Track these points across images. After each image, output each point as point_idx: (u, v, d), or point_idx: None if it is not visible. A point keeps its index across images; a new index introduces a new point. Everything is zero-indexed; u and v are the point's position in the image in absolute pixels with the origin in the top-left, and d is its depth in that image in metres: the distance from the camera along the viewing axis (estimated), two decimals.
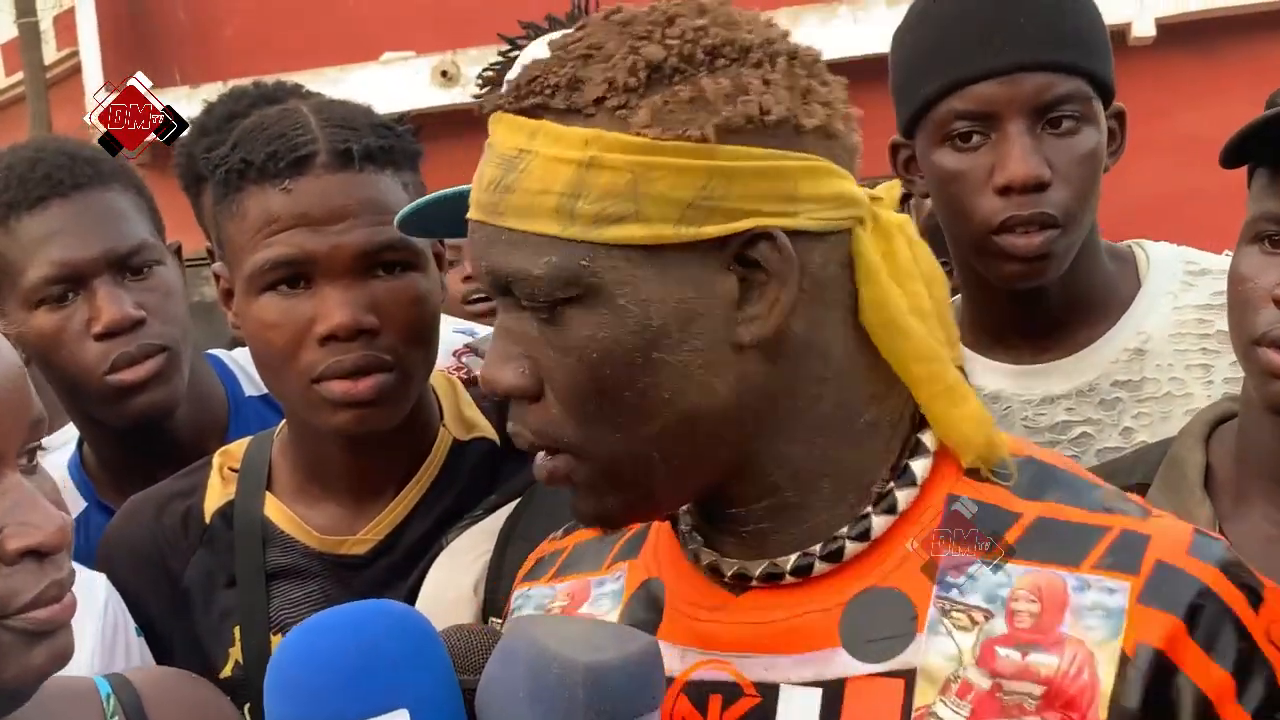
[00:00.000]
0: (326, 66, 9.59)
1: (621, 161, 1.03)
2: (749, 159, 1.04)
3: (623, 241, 1.03)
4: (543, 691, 1.00)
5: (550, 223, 1.03)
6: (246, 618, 1.70)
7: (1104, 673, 1.02)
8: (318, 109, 1.64)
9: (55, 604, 1.11)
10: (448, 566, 1.57)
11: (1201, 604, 1.03)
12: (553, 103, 1.05)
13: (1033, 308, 1.84)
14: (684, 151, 1.03)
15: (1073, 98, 1.73)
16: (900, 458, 1.12)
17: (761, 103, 1.04)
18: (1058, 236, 1.73)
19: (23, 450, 1.13)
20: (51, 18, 12.31)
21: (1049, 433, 1.84)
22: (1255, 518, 1.54)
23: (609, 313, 1.04)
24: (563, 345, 1.05)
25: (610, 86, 1.04)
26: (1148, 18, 10.05)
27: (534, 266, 1.04)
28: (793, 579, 1.11)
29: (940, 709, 1.04)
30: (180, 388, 2.00)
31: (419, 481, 1.72)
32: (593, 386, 1.05)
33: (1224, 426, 1.62)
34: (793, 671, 1.09)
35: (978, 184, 1.74)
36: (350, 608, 1.10)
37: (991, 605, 1.06)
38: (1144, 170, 7.46)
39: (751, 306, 1.06)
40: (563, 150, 1.04)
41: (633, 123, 1.03)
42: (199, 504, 1.77)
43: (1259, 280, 1.48)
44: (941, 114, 1.76)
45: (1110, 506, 1.09)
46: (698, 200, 1.03)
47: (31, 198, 1.94)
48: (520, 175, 1.05)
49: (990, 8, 1.74)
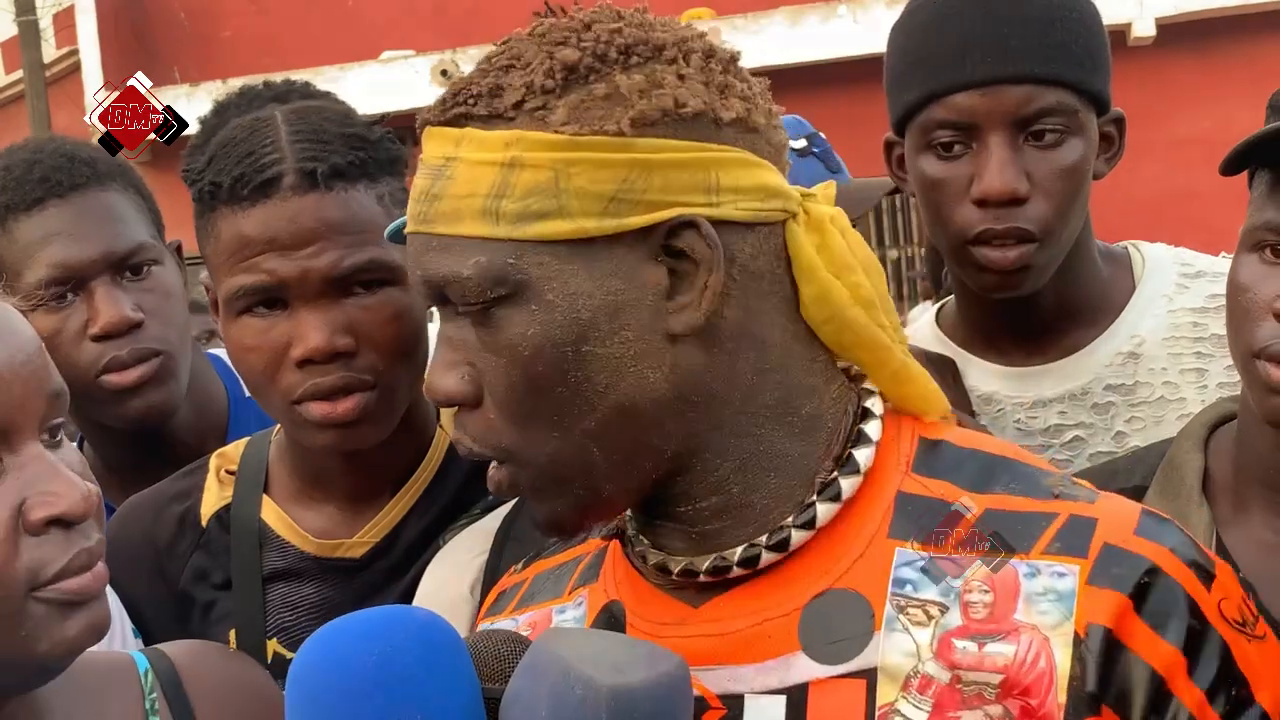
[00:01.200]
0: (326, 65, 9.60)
1: (543, 159, 1.06)
2: (667, 150, 1.07)
3: (548, 237, 1.06)
4: (564, 712, 0.98)
5: (477, 224, 1.06)
6: (243, 621, 1.69)
7: (1060, 656, 1.04)
8: (290, 119, 1.60)
9: (86, 573, 1.11)
10: (444, 568, 1.57)
11: (1149, 582, 1.05)
12: (475, 110, 1.08)
13: (1025, 311, 1.84)
14: (602, 145, 1.06)
15: (1056, 110, 1.72)
16: (844, 449, 1.14)
17: (676, 96, 1.07)
18: (1034, 250, 1.72)
19: (45, 424, 1.14)
20: (51, 16, 12.31)
21: (1041, 436, 1.84)
22: (1253, 524, 1.53)
23: (538, 309, 1.06)
24: (495, 346, 1.08)
25: (529, 90, 1.07)
26: (1148, 18, 10.05)
27: (463, 268, 1.06)
28: (740, 570, 1.12)
29: (903, 706, 1.06)
30: (178, 390, 2.00)
31: (415, 484, 1.71)
32: (526, 385, 1.07)
33: (1223, 429, 1.60)
34: (756, 680, 1.10)
35: (957, 193, 1.74)
36: (374, 613, 1.08)
37: (945, 599, 1.08)
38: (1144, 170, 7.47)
39: (681, 296, 1.08)
40: (486, 154, 1.07)
41: (551, 122, 1.06)
42: (196, 506, 1.77)
43: (1259, 291, 1.46)
44: (925, 121, 1.76)
45: (1058, 492, 1.12)
46: (619, 193, 1.06)
47: (29, 199, 1.94)
48: (446, 182, 1.08)
49: (974, 16, 1.73)
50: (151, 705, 1.29)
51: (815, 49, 10.15)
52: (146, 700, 1.29)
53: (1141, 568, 1.05)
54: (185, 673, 1.32)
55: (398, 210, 1.57)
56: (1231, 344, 1.52)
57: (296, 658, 1.07)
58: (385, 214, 1.56)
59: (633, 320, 1.07)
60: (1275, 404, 1.45)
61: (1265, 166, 1.48)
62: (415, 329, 1.62)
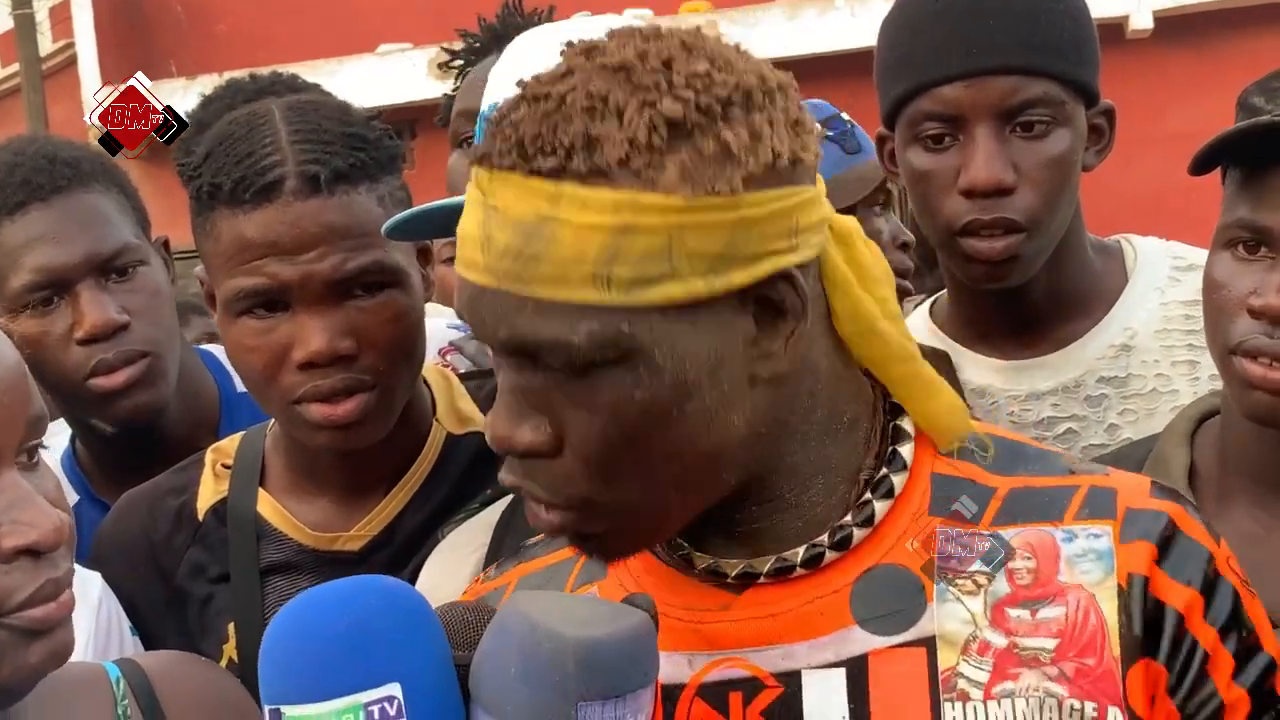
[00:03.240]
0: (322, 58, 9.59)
1: (657, 224, 1.00)
2: (768, 204, 1.04)
3: (662, 303, 1.02)
4: (534, 667, 1.00)
5: (587, 290, 1.01)
6: (241, 614, 1.70)
7: (1108, 609, 1.09)
8: (289, 117, 1.59)
9: (51, 602, 1.11)
10: (443, 561, 1.57)
11: (1170, 534, 1.12)
12: (570, 165, 1.00)
13: (1017, 304, 1.84)
14: (715, 207, 1.01)
15: (1042, 101, 1.72)
16: (884, 444, 1.16)
17: (774, 147, 1.04)
18: (1022, 240, 1.73)
19: (22, 448, 1.13)
20: (47, 9, 12.30)
21: (1035, 428, 1.85)
22: (1238, 515, 1.55)
23: (646, 372, 1.03)
24: (592, 404, 1.04)
25: (632, 145, 1.00)
26: (1145, 11, 10.05)
27: (572, 334, 1.01)
28: (803, 571, 1.13)
29: (964, 668, 1.09)
30: (166, 390, 1.99)
31: (412, 477, 1.71)
32: (623, 442, 1.04)
33: (1209, 423, 1.62)
34: (811, 656, 1.11)
35: (944, 185, 1.75)
36: (343, 583, 1.09)
37: (989, 567, 1.12)
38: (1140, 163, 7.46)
39: (767, 342, 1.06)
40: (592, 217, 1.00)
41: (661, 183, 1.00)
42: (192, 501, 1.77)
43: (1233, 288, 1.48)
44: (912, 114, 1.77)
45: (1075, 469, 1.17)
46: (725, 251, 1.02)
47: (10, 203, 1.93)
48: (548, 244, 1.00)
49: (960, 9, 1.73)
50: (123, 713, 1.29)
51: (813, 42, 10.15)
52: (118, 708, 1.29)
53: (1163, 520, 1.12)
54: (158, 682, 1.33)
55: (396, 209, 1.57)
56: (1209, 341, 1.54)
57: (268, 630, 1.08)
58: (385, 214, 1.55)
59: (727, 373, 1.05)
60: (1253, 399, 1.47)
61: (1235, 164, 1.49)
62: (415, 330, 1.63)
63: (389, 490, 1.71)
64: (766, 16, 10.37)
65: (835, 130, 2.62)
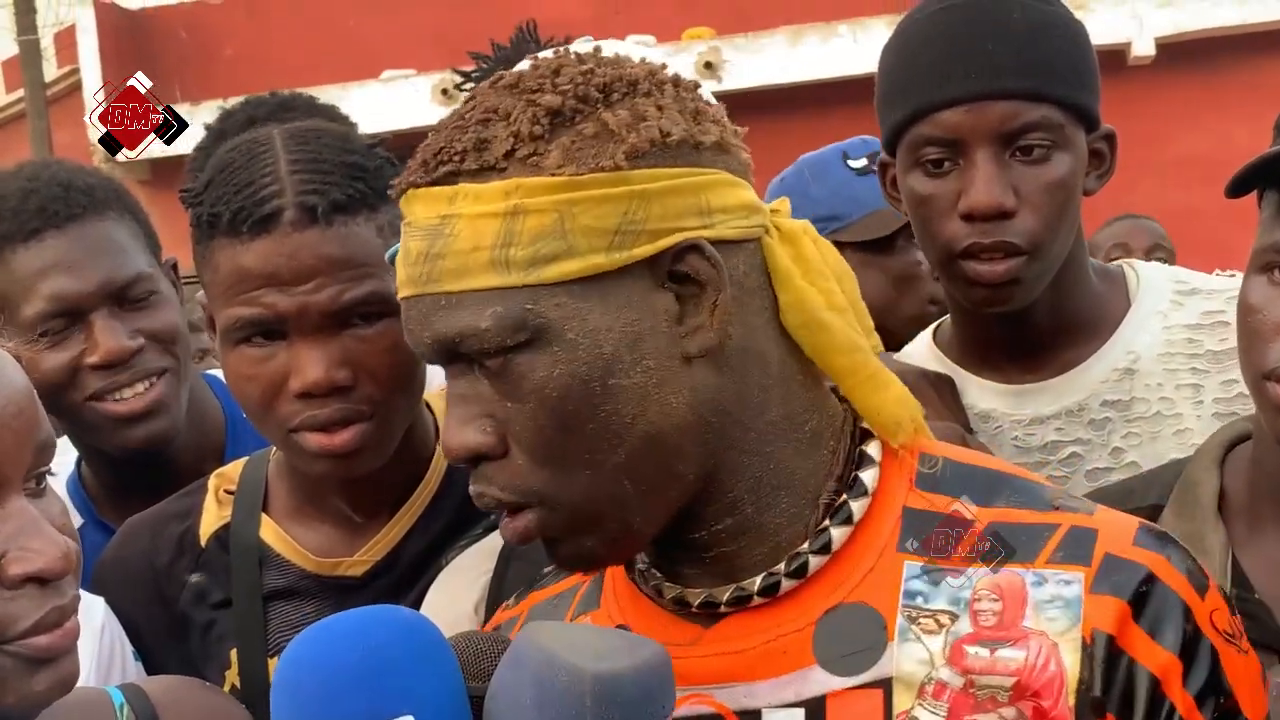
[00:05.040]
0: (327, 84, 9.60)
1: (545, 203, 1.07)
2: (661, 179, 1.09)
3: (561, 278, 1.07)
4: (550, 699, 0.99)
5: (488, 276, 1.07)
6: (243, 640, 1.70)
7: (1069, 661, 1.07)
8: (289, 145, 1.60)
9: (56, 630, 1.11)
10: (448, 586, 1.57)
11: (1146, 590, 1.09)
12: (464, 166, 1.09)
13: (1020, 328, 1.84)
14: (601, 182, 1.07)
15: (1041, 125, 1.73)
16: (846, 469, 1.16)
17: (660, 126, 1.10)
18: (1023, 264, 1.73)
19: (30, 475, 1.13)
20: (52, 35, 12.33)
21: (1039, 453, 1.85)
22: (1269, 543, 1.52)
23: (560, 349, 1.07)
24: (520, 394, 1.08)
25: (516, 138, 1.08)
26: (1148, 38, 10.06)
27: (480, 320, 1.07)
28: (761, 600, 1.13)
29: (919, 712, 1.08)
30: (179, 416, 2.00)
31: (415, 502, 1.71)
32: (556, 426, 1.08)
33: (1239, 449, 1.59)
34: (773, 695, 1.12)
35: (945, 209, 1.75)
36: (357, 613, 1.09)
37: (955, 607, 1.11)
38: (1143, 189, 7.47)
39: (691, 319, 1.10)
40: (485, 205, 1.07)
41: (546, 166, 1.07)
42: (194, 527, 1.77)
43: (1269, 313, 1.44)
44: (913, 139, 1.78)
45: (1058, 504, 1.15)
46: (623, 226, 1.07)
47: (26, 230, 1.94)
48: (448, 240, 1.08)
49: (959, 35, 1.74)
50: None
51: (816, 68, 10.17)
52: None
53: (1140, 575, 1.09)
54: (161, 707, 1.32)
55: (396, 239, 1.57)
56: (1243, 366, 1.51)
57: (281, 658, 1.08)
58: (385, 243, 1.56)
59: (651, 348, 1.09)
60: None
61: (1272, 187, 1.47)
62: (412, 358, 1.62)
63: (392, 516, 1.71)
64: (770, 42, 10.40)
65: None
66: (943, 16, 1.77)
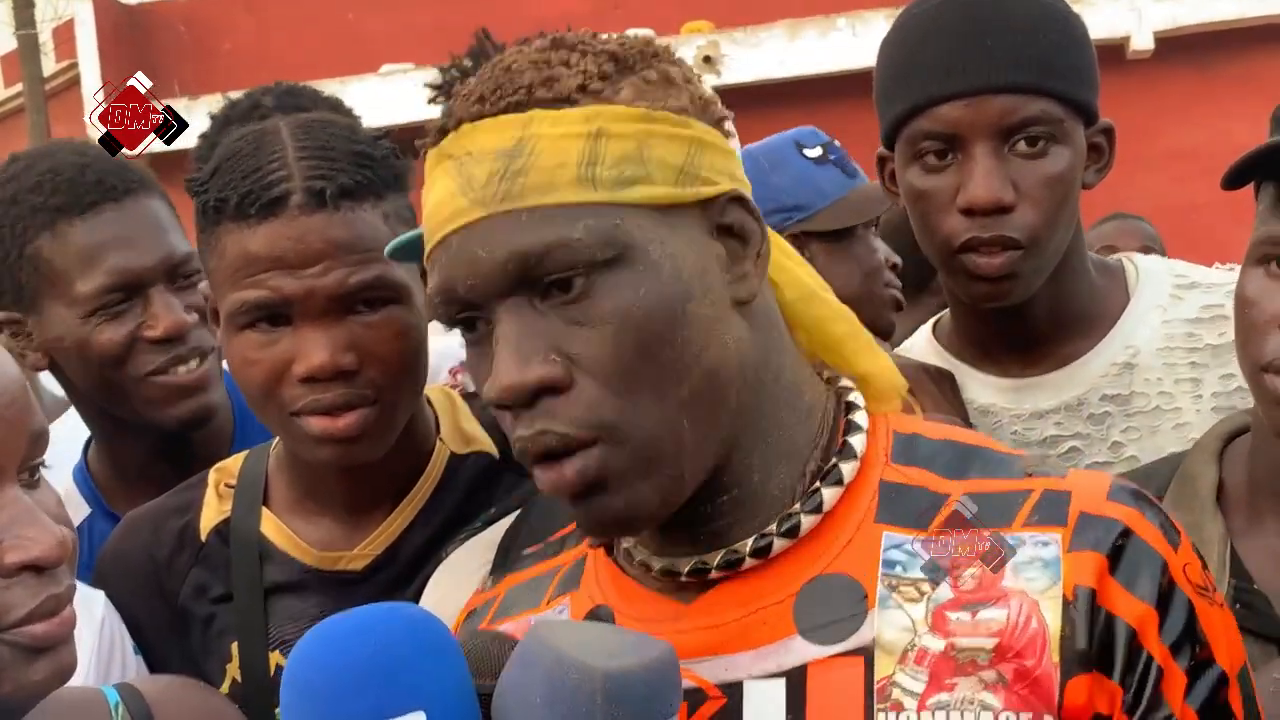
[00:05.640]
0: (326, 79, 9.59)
1: (628, 130, 1.09)
2: (711, 135, 1.14)
3: (643, 201, 1.09)
4: (560, 698, 0.99)
5: (576, 191, 1.07)
6: (244, 634, 1.70)
7: (1050, 618, 1.08)
8: (297, 134, 1.60)
9: (52, 618, 1.11)
10: (446, 580, 1.56)
11: (1122, 543, 1.10)
12: (535, 96, 1.10)
13: (1019, 323, 1.85)
14: (671, 121, 1.11)
15: (1040, 119, 1.73)
16: (833, 438, 1.18)
17: (697, 90, 1.16)
18: (1021, 257, 1.74)
19: (24, 465, 1.13)
20: (50, 30, 12.32)
21: (1038, 447, 1.85)
22: (1267, 535, 1.54)
23: (645, 269, 1.08)
24: (600, 317, 1.07)
25: (586, 75, 1.10)
26: (1146, 31, 10.05)
27: (573, 230, 1.06)
28: (753, 562, 1.14)
29: (900, 678, 1.09)
30: (222, 394, 2.03)
31: (415, 496, 1.71)
32: (635, 350, 1.07)
33: (1238, 441, 1.61)
34: (754, 666, 1.12)
35: (944, 203, 1.76)
36: (367, 610, 1.09)
37: (934, 575, 1.11)
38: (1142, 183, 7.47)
39: (738, 266, 1.13)
40: (567, 128, 1.08)
41: (621, 99, 1.11)
42: (195, 521, 1.77)
43: (1266, 305, 1.46)
44: (911, 133, 1.78)
45: (1030, 470, 1.16)
46: (686, 166, 1.11)
47: (84, 203, 1.94)
48: (530, 157, 1.07)
49: (958, 29, 1.75)
50: None
51: (814, 62, 10.17)
52: None
53: (1116, 529, 1.10)
54: (157, 707, 1.32)
55: (401, 227, 1.58)
56: (1240, 358, 1.52)
57: (291, 655, 1.08)
58: (390, 231, 1.56)
59: (712, 285, 1.11)
60: None
61: (1269, 179, 1.48)
62: (417, 346, 1.63)
63: (392, 510, 1.71)
64: (768, 36, 10.39)
65: (835, 155, 2.64)
66: (942, 11, 1.77)
